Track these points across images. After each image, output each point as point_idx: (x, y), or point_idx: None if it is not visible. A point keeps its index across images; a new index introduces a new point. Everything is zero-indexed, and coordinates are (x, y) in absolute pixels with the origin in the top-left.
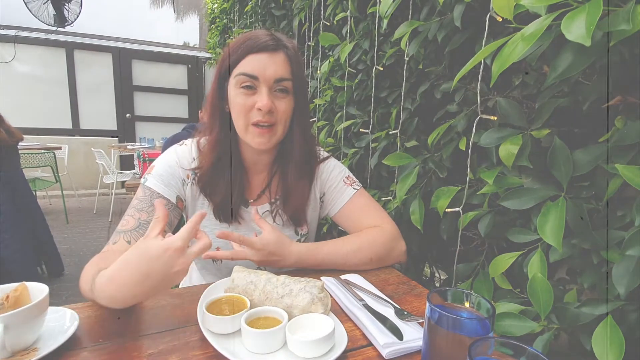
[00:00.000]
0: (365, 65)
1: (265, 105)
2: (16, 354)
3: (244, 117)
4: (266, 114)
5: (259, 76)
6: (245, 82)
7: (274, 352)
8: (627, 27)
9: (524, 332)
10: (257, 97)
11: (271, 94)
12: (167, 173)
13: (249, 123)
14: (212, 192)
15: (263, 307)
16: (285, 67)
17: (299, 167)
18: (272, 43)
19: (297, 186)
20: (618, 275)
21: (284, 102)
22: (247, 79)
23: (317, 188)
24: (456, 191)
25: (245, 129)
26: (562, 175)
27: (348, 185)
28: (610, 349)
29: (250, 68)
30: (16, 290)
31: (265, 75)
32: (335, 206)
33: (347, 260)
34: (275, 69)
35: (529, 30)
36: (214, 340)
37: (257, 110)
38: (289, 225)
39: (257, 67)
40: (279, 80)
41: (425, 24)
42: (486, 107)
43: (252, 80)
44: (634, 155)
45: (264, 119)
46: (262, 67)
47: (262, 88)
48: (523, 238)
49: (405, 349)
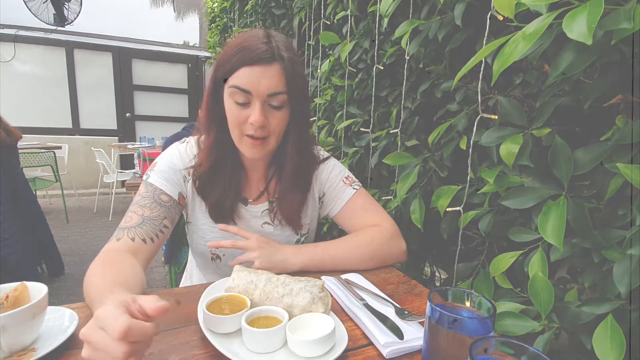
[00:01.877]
0: (365, 64)
1: (257, 121)
2: (14, 354)
3: (237, 128)
4: (258, 129)
5: (252, 91)
6: (238, 95)
7: (274, 352)
8: (629, 25)
9: (524, 331)
10: (250, 111)
11: (264, 109)
12: (170, 170)
13: (242, 134)
14: (209, 192)
15: (263, 306)
16: (279, 81)
17: (291, 177)
18: (267, 55)
19: (289, 193)
20: (619, 275)
21: (277, 116)
22: (241, 93)
23: (316, 188)
24: (457, 190)
25: (239, 138)
26: (563, 174)
27: (347, 186)
28: (611, 349)
29: (243, 81)
30: (16, 290)
31: (258, 90)
32: (335, 207)
33: (346, 259)
34: (269, 83)
35: (530, 28)
36: (215, 340)
37: (250, 124)
38: (288, 226)
39: (250, 81)
40: (273, 95)
41: (425, 23)
42: (487, 106)
43: (245, 94)
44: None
45: (256, 133)
46: (256, 81)
47: (255, 103)
48: (524, 237)
49: (406, 349)
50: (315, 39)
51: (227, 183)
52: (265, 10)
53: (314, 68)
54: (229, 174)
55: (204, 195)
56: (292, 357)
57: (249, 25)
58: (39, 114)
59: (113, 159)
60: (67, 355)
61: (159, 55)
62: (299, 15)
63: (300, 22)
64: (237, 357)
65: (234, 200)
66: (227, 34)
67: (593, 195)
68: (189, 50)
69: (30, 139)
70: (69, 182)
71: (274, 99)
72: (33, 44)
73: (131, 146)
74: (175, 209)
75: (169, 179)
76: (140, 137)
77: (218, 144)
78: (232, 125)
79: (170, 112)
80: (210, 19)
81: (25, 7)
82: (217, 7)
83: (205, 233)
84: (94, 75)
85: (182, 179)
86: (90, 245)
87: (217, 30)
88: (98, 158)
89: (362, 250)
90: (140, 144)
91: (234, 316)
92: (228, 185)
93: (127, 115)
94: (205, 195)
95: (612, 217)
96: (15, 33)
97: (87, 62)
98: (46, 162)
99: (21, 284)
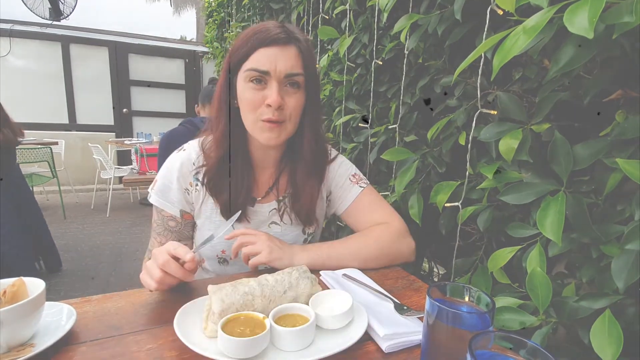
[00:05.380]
0: (364, 59)
1: (274, 101)
2: (12, 350)
3: (253, 113)
4: (276, 111)
5: (270, 71)
6: (255, 77)
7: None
8: (630, 19)
9: (522, 326)
10: (267, 92)
11: (281, 89)
12: (168, 188)
13: (258, 119)
14: (218, 189)
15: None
16: (297, 62)
17: (308, 166)
18: (283, 36)
19: (306, 185)
20: (617, 270)
21: (294, 98)
22: (258, 74)
23: (323, 187)
24: (455, 186)
25: (254, 124)
26: (562, 169)
27: (354, 184)
28: (609, 343)
29: (260, 63)
30: (13, 285)
31: (276, 69)
32: (342, 205)
33: (352, 258)
34: (286, 63)
35: (530, 23)
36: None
37: (267, 107)
38: (297, 224)
39: (268, 61)
40: (290, 75)
41: (425, 17)
42: (486, 101)
43: (262, 75)
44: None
45: (273, 116)
46: (273, 61)
47: (272, 83)
48: (522, 233)
49: (405, 343)
50: (314, 34)
51: (239, 179)
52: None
53: None
54: (239, 169)
55: (216, 192)
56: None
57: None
58: (35, 109)
59: (110, 155)
60: (65, 351)
61: (155, 50)
62: (297, 9)
63: (298, 16)
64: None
65: (246, 198)
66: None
67: (592, 190)
68: (186, 45)
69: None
70: (65, 178)
71: (291, 80)
72: (29, 38)
73: (128, 142)
74: (185, 227)
75: (168, 199)
76: (138, 132)
77: (226, 138)
78: (247, 111)
79: (168, 107)
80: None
81: (20, 1)
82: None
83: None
84: (90, 70)
85: (183, 193)
86: (88, 241)
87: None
88: (95, 154)
89: (369, 249)
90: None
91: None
92: (240, 182)
93: (124, 111)
94: (216, 192)
95: (611, 213)
96: (10, 27)
97: (84, 57)
98: (43, 158)
99: (19, 279)
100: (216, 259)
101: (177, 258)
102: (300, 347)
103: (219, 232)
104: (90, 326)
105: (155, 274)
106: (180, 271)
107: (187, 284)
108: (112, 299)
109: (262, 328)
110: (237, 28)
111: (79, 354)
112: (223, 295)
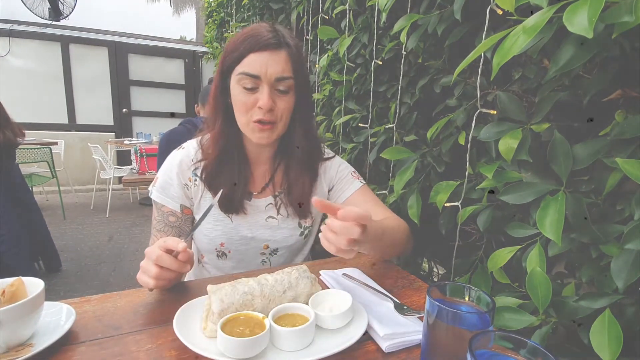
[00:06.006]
0: (364, 59)
1: (265, 104)
2: (11, 350)
3: (245, 115)
4: (267, 113)
5: (260, 75)
6: (246, 81)
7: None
8: (630, 19)
9: (522, 325)
10: (259, 95)
11: (272, 93)
12: (168, 184)
13: (250, 120)
14: (216, 184)
15: (277, 307)
16: (286, 66)
17: (300, 163)
18: (274, 41)
19: (299, 179)
20: (617, 269)
21: (284, 100)
22: (249, 78)
23: (325, 182)
24: (455, 186)
25: (246, 125)
26: (561, 169)
27: (356, 179)
28: (608, 343)
29: (252, 67)
30: (12, 285)
31: (266, 74)
32: (343, 195)
33: (394, 236)
34: (277, 67)
35: (530, 22)
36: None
37: (258, 109)
38: (293, 217)
39: (259, 66)
40: (280, 79)
41: (424, 17)
42: (486, 101)
43: (253, 80)
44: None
45: (264, 117)
46: (264, 65)
47: (263, 87)
48: (522, 232)
49: (405, 342)
50: (314, 34)
51: (236, 173)
52: (263, 5)
53: (312, 63)
54: (236, 164)
55: (214, 187)
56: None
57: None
58: (34, 109)
59: (110, 155)
60: (64, 351)
61: (155, 50)
62: (297, 9)
63: (298, 16)
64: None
65: (243, 191)
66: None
67: (591, 190)
68: (185, 45)
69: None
70: (65, 179)
71: (281, 84)
72: (28, 38)
73: (128, 142)
74: (185, 222)
75: (169, 194)
76: (137, 132)
77: (224, 134)
78: (240, 113)
79: (167, 107)
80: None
81: (20, 1)
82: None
83: (210, 232)
84: (90, 70)
85: (183, 189)
86: (88, 241)
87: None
88: (94, 154)
89: (401, 234)
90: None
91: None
92: (237, 176)
93: (124, 111)
94: (215, 187)
95: (611, 212)
96: (10, 27)
97: (83, 57)
98: (42, 158)
99: (18, 279)
100: (215, 252)
101: (170, 251)
102: (300, 347)
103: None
104: (89, 326)
105: (151, 270)
106: (175, 263)
107: (186, 284)
108: (112, 298)
109: (261, 328)
110: (236, 28)
111: (78, 354)
112: (222, 295)
